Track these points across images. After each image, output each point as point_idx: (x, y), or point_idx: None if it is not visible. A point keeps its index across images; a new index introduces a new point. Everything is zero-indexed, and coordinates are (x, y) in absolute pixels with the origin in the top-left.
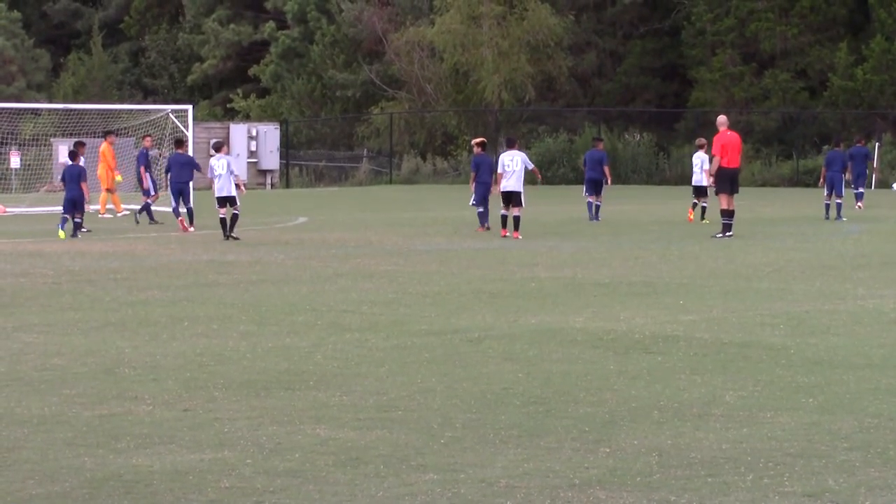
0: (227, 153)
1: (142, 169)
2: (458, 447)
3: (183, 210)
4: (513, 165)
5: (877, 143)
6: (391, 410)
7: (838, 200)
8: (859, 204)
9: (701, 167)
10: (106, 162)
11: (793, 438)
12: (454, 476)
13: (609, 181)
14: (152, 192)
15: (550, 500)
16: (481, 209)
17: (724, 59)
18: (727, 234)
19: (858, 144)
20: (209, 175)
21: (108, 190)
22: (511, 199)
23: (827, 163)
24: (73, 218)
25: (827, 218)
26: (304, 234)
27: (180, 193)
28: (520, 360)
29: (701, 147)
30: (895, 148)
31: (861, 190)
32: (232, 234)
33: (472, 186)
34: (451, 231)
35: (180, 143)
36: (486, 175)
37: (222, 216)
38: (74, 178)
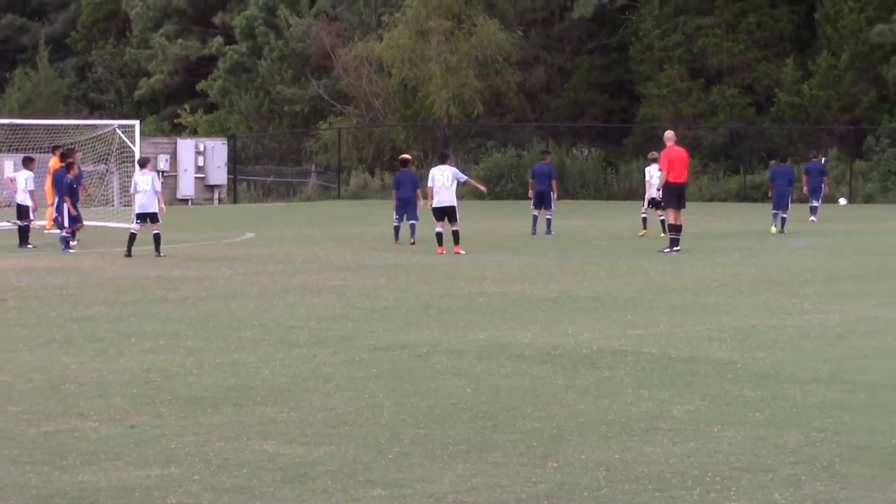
0: (153, 170)
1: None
2: (406, 462)
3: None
4: (443, 180)
5: (823, 159)
6: (339, 426)
7: (783, 215)
8: (813, 217)
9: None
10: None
11: (739, 452)
12: (402, 491)
13: (557, 195)
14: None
15: None
16: (397, 224)
17: (671, 75)
18: (675, 248)
19: (814, 159)
20: (132, 191)
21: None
22: (445, 214)
23: (772, 177)
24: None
25: (780, 231)
26: (252, 249)
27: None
28: (468, 375)
29: (654, 161)
30: (841, 163)
31: (816, 204)
32: (159, 253)
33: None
34: (385, 245)
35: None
36: (405, 191)
37: (135, 232)
38: None
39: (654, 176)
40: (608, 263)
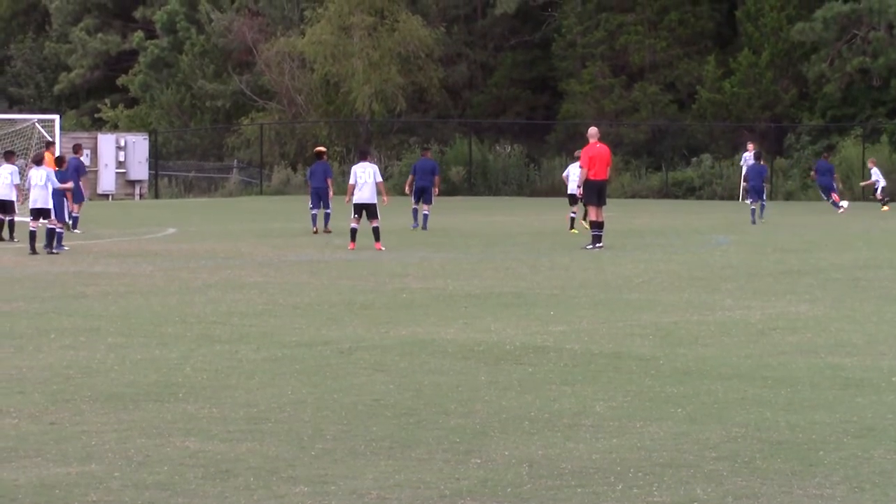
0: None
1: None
2: (329, 459)
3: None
4: (365, 177)
5: (744, 156)
6: (261, 422)
7: (753, 207)
8: (841, 209)
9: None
10: None
11: (661, 448)
12: (325, 488)
13: (437, 190)
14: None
15: None
16: (314, 212)
17: (593, 72)
18: (597, 245)
19: (823, 159)
20: (25, 186)
21: None
22: (366, 210)
23: (747, 175)
24: None
25: (754, 223)
26: (174, 245)
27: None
28: (391, 371)
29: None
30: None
31: (831, 199)
32: (53, 250)
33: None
34: (307, 241)
35: (77, 147)
36: (317, 181)
37: (33, 229)
38: None
39: (572, 173)
40: (531, 260)
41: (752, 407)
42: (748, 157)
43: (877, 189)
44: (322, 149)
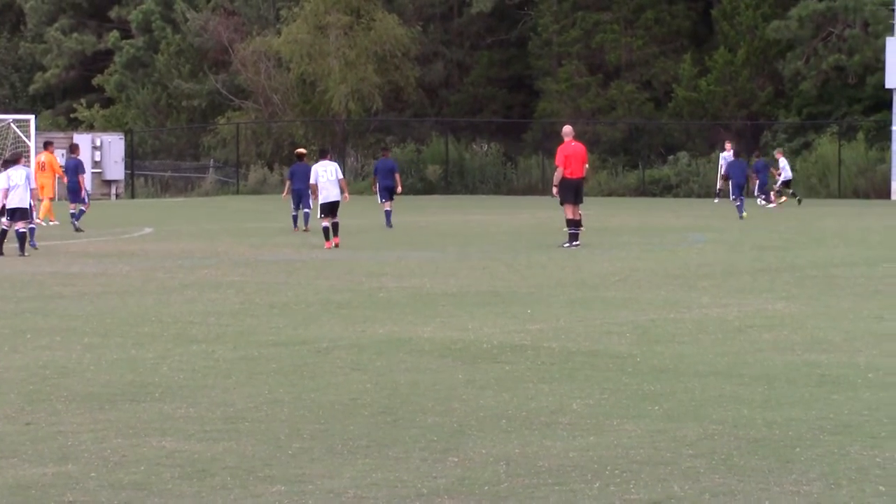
0: (27, 164)
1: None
2: (306, 458)
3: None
4: (327, 175)
5: (721, 154)
6: (238, 422)
7: (738, 203)
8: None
9: None
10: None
11: (639, 446)
12: (302, 487)
13: (399, 189)
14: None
15: None
16: (294, 213)
17: (570, 71)
18: (574, 243)
19: (758, 158)
20: (4, 186)
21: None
22: (332, 209)
23: (728, 171)
24: None
25: (741, 217)
26: (150, 244)
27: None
28: (368, 370)
29: None
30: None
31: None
32: (22, 253)
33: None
34: (284, 241)
35: (74, 147)
36: (298, 183)
37: (5, 227)
38: None
39: None
40: (508, 258)
41: (729, 404)
42: (727, 157)
43: (778, 181)
44: (303, 151)
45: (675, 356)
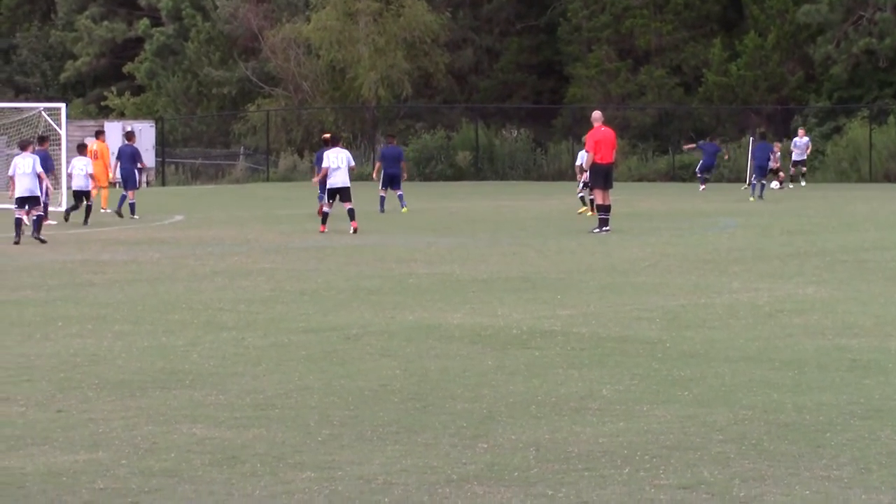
0: (34, 151)
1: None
2: (336, 444)
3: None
4: (338, 162)
5: (751, 139)
6: (268, 409)
7: (764, 181)
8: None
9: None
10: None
11: (668, 431)
12: (331, 473)
13: (405, 175)
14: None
15: (428, 497)
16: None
17: (600, 56)
18: (604, 229)
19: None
20: (10, 173)
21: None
22: (340, 194)
23: (753, 153)
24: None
25: (761, 197)
26: (181, 232)
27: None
28: (397, 356)
29: None
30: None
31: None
32: (39, 237)
33: (317, 180)
34: (315, 227)
35: (131, 135)
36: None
37: (19, 217)
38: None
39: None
40: (538, 244)
41: (760, 389)
42: (798, 142)
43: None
44: (330, 135)
45: (705, 341)
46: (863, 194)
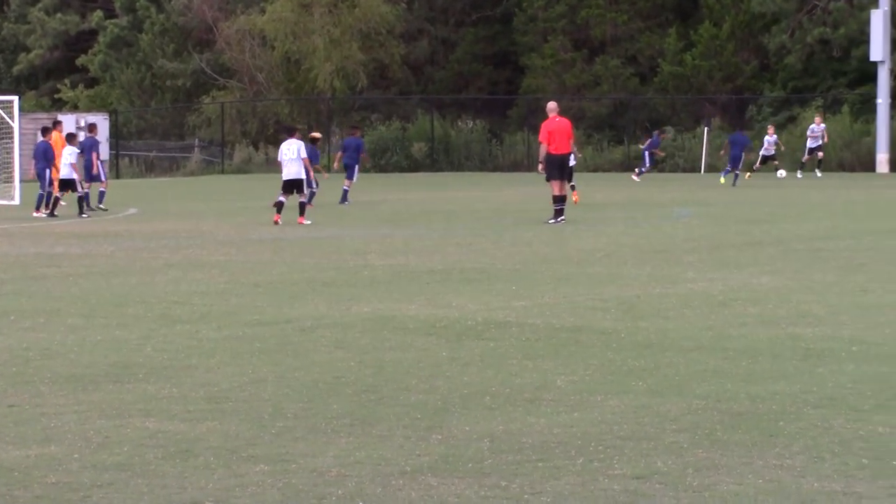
0: None
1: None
2: (290, 437)
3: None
4: (290, 154)
5: (706, 129)
6: (222, 401)
7: (737, 172)
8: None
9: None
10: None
11: (623, 421)
12: (285, 466)
13: (360, 167)
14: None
15: (382, 489)
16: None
17: (555, 46)
18: (559, 219)
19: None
20: None
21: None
22: (294, 186)
23: (731, 142)
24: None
25: (734, 185)
26: (135, 225)
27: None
28: (352, 348)
29: None
30: (724, 133)
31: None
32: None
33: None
34: (270, 219)
35: (93, 127)
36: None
37: None
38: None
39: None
40: (493, 235)
41: (713, 379)
42: (815, 128)
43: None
44: (317, 135)
45: (659, 331)
46: (817, 183)
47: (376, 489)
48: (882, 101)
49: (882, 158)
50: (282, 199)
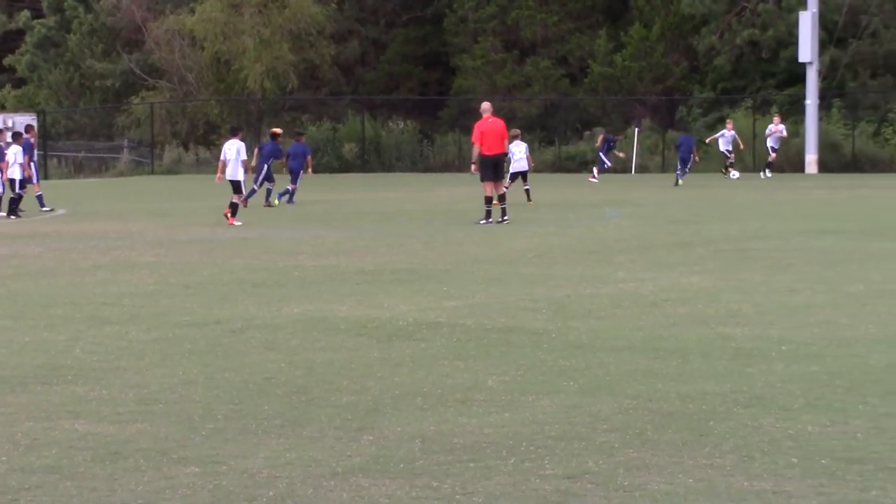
0: None
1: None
2: (220, 439)
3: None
4: (231, 154)
5: (636, 129)
6: (152, 403)
7: (685, 171)
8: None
9: (525, 153)
10: None
11: (554, 421)
12: (216, 468)
13: (310, 171)
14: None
15: (313, 490)
16: (269, 186)
17: (486, 47)
18: (489, 220)
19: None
20: None
21: None
22: (232, 185)
23: (679, 144)
24: None
25: (677, 185)
26: (63, 226)
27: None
28: (282, 349)
29: (516, 137)
30: (654, 133)
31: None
32: None
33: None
34: (200, 220)
35: (29, 128)
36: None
37: None
38: None
39: (513, 153)
40: (424, 236)
41: (644, 378)
42: (771, 128)
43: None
44: (278, 130)
45: (590, 331)
46: (746, 184)
47: (307, 490)
48: (811, 102)
49: (811, 159)
50: (237, 200)
